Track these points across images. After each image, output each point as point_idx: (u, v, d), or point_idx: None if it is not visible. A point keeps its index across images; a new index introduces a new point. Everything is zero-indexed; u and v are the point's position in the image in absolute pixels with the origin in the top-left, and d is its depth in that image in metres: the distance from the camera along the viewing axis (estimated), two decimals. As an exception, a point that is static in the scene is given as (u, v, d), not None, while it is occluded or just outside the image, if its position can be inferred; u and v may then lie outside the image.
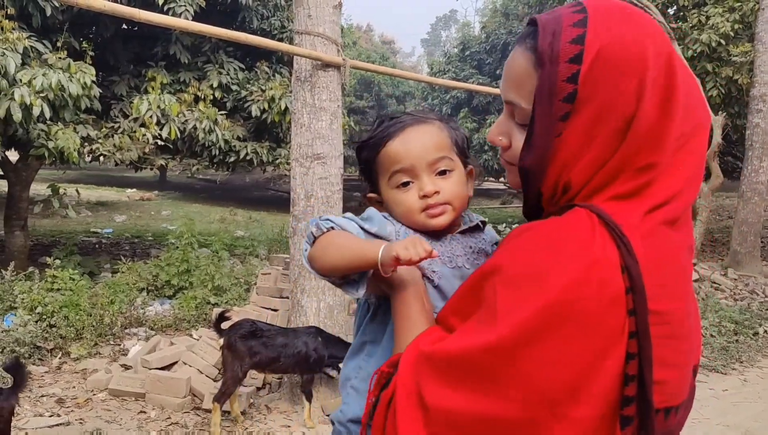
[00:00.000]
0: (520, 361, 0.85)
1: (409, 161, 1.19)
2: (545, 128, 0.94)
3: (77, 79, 7.02)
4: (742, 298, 9.64)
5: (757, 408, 5.29)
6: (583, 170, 0.94)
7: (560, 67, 0.91)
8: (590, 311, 0.84)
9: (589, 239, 0.88)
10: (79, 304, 6.18)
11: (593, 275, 0.84)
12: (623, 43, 0.90)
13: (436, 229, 1.21)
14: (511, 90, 1.00)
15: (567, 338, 0.84)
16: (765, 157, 11.88)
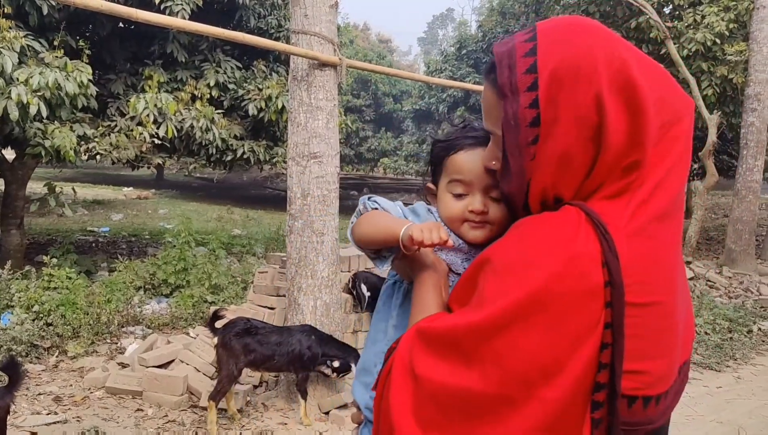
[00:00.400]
0: (499, 342, 0.92)
1: (470, 176, 1.25)
2: (517, 154, 1.00)
3: (74, 78, 7.02)
4: (737, 296, 9.70)
5: (750, 405, 5.33)
6: (569, 183, 1.00)
7: (521, 97, 0.98)
8: (568, 302, 0.90)
9: (573, 234, 0.93)
10: (75, 302, 6.18)
11: (574, 268, 0.91)
12: (571, 59, 0.96)
13: (471, 241, 1.27)
14: (487, 120, 1.10)
15: (545, 325, 0.90)
16: (759, 155, 11.94)
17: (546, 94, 0.96)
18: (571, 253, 0.92)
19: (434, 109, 26.67)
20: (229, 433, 4.38)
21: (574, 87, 0.95)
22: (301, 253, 4.92)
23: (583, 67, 0.95)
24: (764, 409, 5.22)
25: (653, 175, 0.98)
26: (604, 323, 0.91)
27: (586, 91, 0.95)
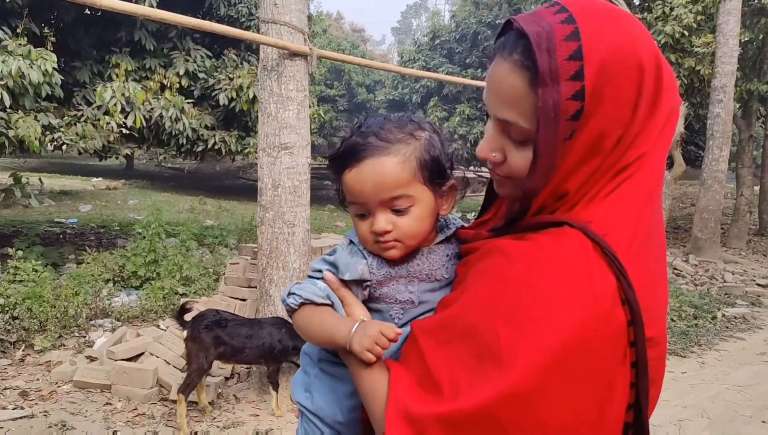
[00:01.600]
0: (540, 407, 0.82)
1: (362, 198, 1.14)
2: (551, 150, 0.90)
3: (38, 66, 6.86)
4: (702, 284, 9.92)
5: (713, 389, 5.47)
6: (579, 179, 0.93)
7: (562, 86, 0.87)
8: (600, 348, 0.83)
9: (589, 270, 0.85)
10: (42, 295, 6.07)
11: (600, 311, 0.83)
12: (621, 52, 0.88)
13: (389, 260, 1.17)
14: (507, 109, 0.94)
15: (581, 377, 0.83)
16: (725, 146, 12.20)
17: (593, 86, 0.87)
18: (595, 294, 0.84)
19: (408, 100, 26.69)
20: (200, 425, 4.36)
21: (621, 82, 0.88)
22: (272, 245, 4.90)
23: (631, 62, 0.88)
24: (726, 394, 5.36)
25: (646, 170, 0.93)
26: (629, 363, 0.86)
27: (629, 88, 0.88)
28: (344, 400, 1.20)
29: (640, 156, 0.92)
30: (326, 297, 1.16)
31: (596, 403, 0.84)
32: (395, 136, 1.14)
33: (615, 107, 0.88)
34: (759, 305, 8.87)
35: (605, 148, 0.91)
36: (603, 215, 0.90)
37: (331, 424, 1.22)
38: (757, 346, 6.90)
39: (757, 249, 14.31)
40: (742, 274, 11.05)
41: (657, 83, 0.91)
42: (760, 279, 10.62)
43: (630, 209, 0.91)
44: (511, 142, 0.98)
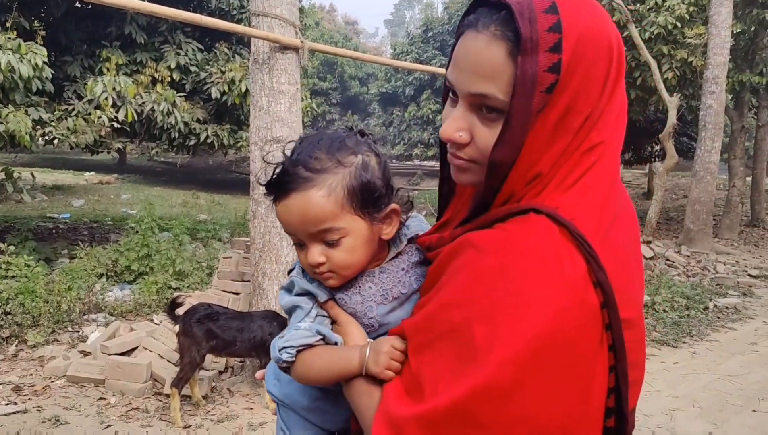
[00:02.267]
0: (520, 401, 0.80)
1: (292, 230, 1.12)
2: (523, 121, 0.88)
3: (28, 60, 6.82)
4: (694, 275, 9.98)
5: (705, 379, 5.51)
6: (549, 159, 0.91)
7: (540, 57, 0.86)
8: (576, 335, 0.82)
9: (558, 256, 0.84)
10: (35, 290, 6.06)
11: (572, 296, 0.82)
12: (595, 30, 0.89)
13: (330, 287, 1.16)
14: (484, 81, 0.91)
15: (560, 367, 0.81)
16: (717, 137, 12.24)
17: (569, 60, 0.86)
18: (566, 280, 0.82)
19: (400, 92, 26.66)
20: (194, 419, 4.36)
21: (596, 59, 0.88)
22: (264, 238, 4.90)
23: (604, 41, 0.89)
24: (717, 383, 5.41)
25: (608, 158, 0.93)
26: (606, 346, 0.85)
27: (600, 67, 0.89)
28: (308, 388, 1.21)
29: (601, 142, 0.92)
30: (317, 333, 1.13)
31: (578, 391, 0.82)
32: (322, 166, 1.09)
33: (586, 84, 0.88)
34: (750, 296, 8.94)
35: (573, 127, 0.90)
36: (569, 202, 0.89)
37: (297, 410, 1.24)
38: (748, 336, 6.95)
39: (748, 240, 14.41)
40: (733, 264, 11.13)
41: (619, 68, 0.92)
42: (752, 269, 10.70)
43: (595, 196, 0.91)
44: (480, 120, 0.94)
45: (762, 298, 8.85)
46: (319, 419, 1.25)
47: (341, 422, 1.24)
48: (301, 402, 1.24)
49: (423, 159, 26.38)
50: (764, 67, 14.11)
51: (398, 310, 1.15)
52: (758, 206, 16.51)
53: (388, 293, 1.15)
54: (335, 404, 1.19)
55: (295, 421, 1.28)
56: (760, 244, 14.05)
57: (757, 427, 4.54)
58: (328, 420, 1.24)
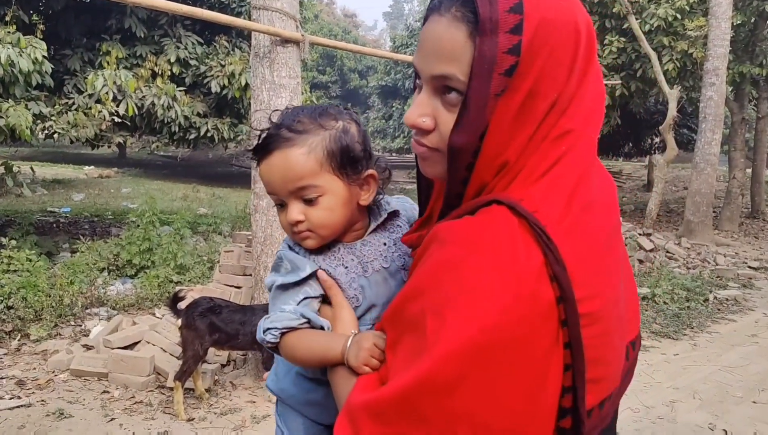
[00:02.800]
0: (461, 396, 0.78)
1: (273, 188, 1.17)
2: (481, 104, 0.86)
3: (28, 54, 6.81)
4: (694, 267, 9.99)
5: (705, 371, 5.54)
6: (517, 146, 0.88)
7: (500, 38, 0.84)
8: (526, 331, 0.78)
9: (511, 248, 0.81)
10: (37, 285, 6.07)
11: (523, 291, 0.79)
12: (560, 11, 0.86)
13: (308, 248, 1.19)
14: (444, 62, 0.89)
15: (506, 363, 0.78)
16: (717, 129, 12.23)
17: (531, 42, 0.84)
18: (517, 273, 0.79)
19: (400, 85, 26.61)
20: (197, 412, 4.39)
21: (560, 42, 0.86)
22: (266, 232, 4.90)
23: (570, 24, 0.87)
24: (717, 375, 5.43)
25: (580, 148, 0.90)
26: (562, 344, 0.81)
27: (566, 51, 0.87)
28: (300, 380, 1.25)
29: (572, 130, 0.89)
30: (301, 316, 1.14)
31: (526, 389, 0.79)
32: (305, 127, 1.15)
33: (551, 68, 0.86)
34: (750, 287, 8.96)
35: (538, 111, 0.87)
36: (535, 193, 0.86)
37: (293, 405, 1.27)
38: (748, 327, 6.97)
39: (749, 231, 14.42)
40: (734, 256, 11.14)
41: (589, 52, 0.90)
42: (752, 261, 10.71)
43: (564, 186, 0.87)
44: (443, 105, 0.92)
45: (762, 290, 8.87)
46: (313, 413, 1.27)
47: (335, 416, 1.25)
48: (296, 396, 1.27)
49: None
50: (764, 59, 14.08)
51: (382, 285, 1.18)
52: (758, 198, 16.52)
53: (368, 266, 1.19)
54: (329, 398, 1.19)
55: (292, 416, 1.30)
56: (761, 235, 14.06)
57: (757, 418, 4.56)
58: (322, 414, 1.26)
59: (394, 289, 1.17)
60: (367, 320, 1.18)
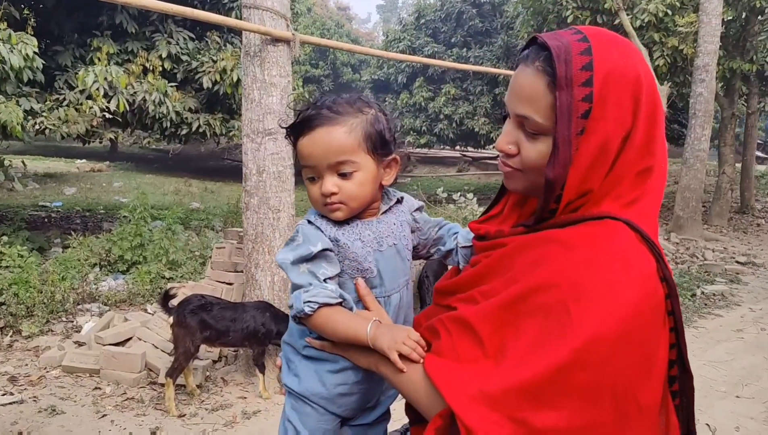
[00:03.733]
0: (609, 367, 0.98)
1: (312, 161, 1.29)
2: (567, 142, 1.09)
3: (18, 51, 6.80)
4: (683, 262, 10.09)
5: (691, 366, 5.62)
6: (598, 176, 1.11)
7: (575, 91, 1.07)
8: (651, 318, 1.01)
9: (637, 255, 1.05)
10: (28, 281, 6.09)
11: (650, 288, 1.02)
12: (623, 67, 1.08)
13: (335, 220, 1.33)
14: (525, 105, 1.13)
15: (640, 342, 0.99)
16: (707, 124, 12.30)
17: (599, 91, 1.06)
18: (645, 273, 1.03)
19: (393, 80, 26.57)
20: (188, 408, 4.43)
21: (623, 90, 1.08)
22: (257, 230, 4.94)
23: (631, 76, 1.08)
24: (702, 370, 5.52)
25: (659, 182, 1.13)
26: (669, 328, 1.05)
27: (630, 97, 1.08)
28: (328, 377, 1.36)
29: (653, 165, 1.12)
30: (340, 296, 1.28)
31: (648, 364, 1.00)
32: (345, 110, 1.31)
33: (617, 111, 1.08)
34: (737, 282, 9.06)
35: (612, 147, 1.09)
36: (633, 215, 1.09)
37: (316, 401, 1.38)
38: (734, 322, 7.07)
39: (738, 226, 14.54)
40: (722, 251, 11.25)
41: (652, 98, 1.11)
42: (740, 256, 10.82)
43: (652, 213, 1.13)
44: (524, 136, 1.15)
45: (749, 285, 8.98)
46: (339, 406, 1.38)
47: (357, 408, 1.41)
48: (319, 392, 1.37)
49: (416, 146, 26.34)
50: (755, 54, 14.16)
51: (393, 259, 1.36)
52: (748, 193, 16.64)
53: (383, 241, 1.36)
54: (356, 387, 1.37)
55: (311, 415, 1.39)
56: (749, 230, 14.19)
57: (740, 413, 4.65)
58: (348, 405, 1.39)
59: (400, 263, 1.39)
60: (378, 293, 1.34)
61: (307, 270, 1.29)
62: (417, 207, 1.49)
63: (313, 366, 1.38)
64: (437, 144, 27.33)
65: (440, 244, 1.51)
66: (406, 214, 1.45)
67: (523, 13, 17.12)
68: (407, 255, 1.42)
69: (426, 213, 1.54)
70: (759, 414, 4.64)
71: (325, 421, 1.39)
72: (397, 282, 1.39)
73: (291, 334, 1.44)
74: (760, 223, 15.04)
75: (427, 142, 25.24)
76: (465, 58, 23.50)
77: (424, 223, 1.50)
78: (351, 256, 1.32)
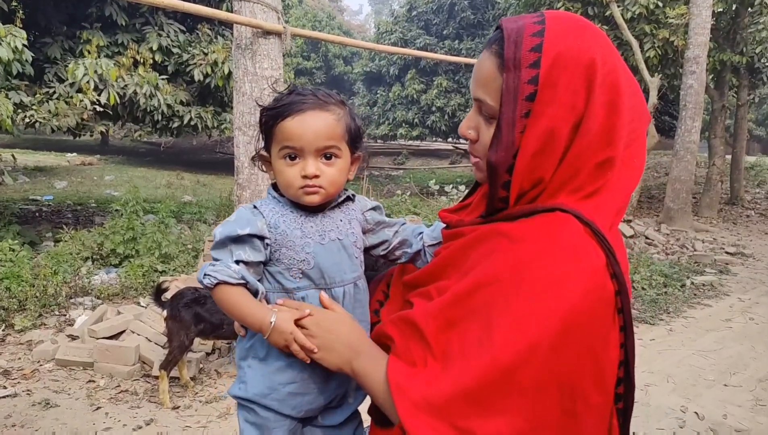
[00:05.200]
0: (554, 365, 0.94)
1: (300, 143, 1.30)
2: (510, 124, 1.06)
3: (7, 44, 6.75)
4: (673, 253, 10.18)
5: (679, 355, 5.69)
6: (549, 164, 1.07)
7: (522, 72, 1.04)
8: (599, 313, 0.98)
9: (586, 249, 1.01)
10: (20, 275, 6.08)
11: (596, 282, 0.98)
12: (576, 50, 1.05)
13: (307, 204, 1.34)
14: (480, 88, 1.12)
15: (588, 336, 0.97)
16: (697, 116, 12.37)
17: (546, 74, 1.03)
18: (593, 267, 0.99)
19: (385, 72, 26.53)
20: (182, 400, 4.46)
21: (574, 74, 1.04)
22: (249, 222, 4.95)
23: (583, 60, 1.04)
24: (691, 359, 5.58)
25: (622, 177, 1.08)
26: (618, 326, 1.01)
27: (582, 81, 1.04)
28: (275, 377, 1.35)
29: (613, 157, 1.06)
30: (242, 278, 1.28)
31: (594, 359, 0.97)
32: (330, 100, 1.35)
33: (566, 95, 1.04)
34: (727, 273, 9.15)
35: (561, 134, 1.05)
36: (587, 208, 1.05)
37: (266, 404, 1.36)
38: (723, 312, 7.15)
39: (727, 217, 14.66)
40: (712, 242, 11.35)
41: (614, 88, 1.06)
42: (729, 247, 10.92)
43: (612, 206, 1.08)
44: (483, 120, 1.13)
45: (738, 276, 9.07)
46: (292, 406, 1.36)
47: (315, 408, 1.39)
48: (268, 394, 1.35)
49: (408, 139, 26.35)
50: (745, 46, 14.24)
51: (336, 253, 1.36)
52: (738, 184, 16.77)
53: (325, 235, 1.36)
54: (306, 383, 1.35)
55: (264, 420, 1.36)
56: (739, 221, 14.31)
57: (728, 400, 4.72)
58: (302, 403, 1.36)
59: (347, 260, 1.38)
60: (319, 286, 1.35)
61: (228, 249, 1.30)
62: (371, 207, 1.48)
63: (260, 369, 1.36)
64: (429, 136, 27.33)
65: (406, 246, 1.48)
66: (357, 213, 1.44)
67: (515, 4, 17.12)
68: (355, 252, 1.41)
69: (384, 213, 1.52)
70: (746, 402, 4.71)
71: (282, 425, 1.36)
72: (342, 277, 1.37)
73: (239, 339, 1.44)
74: (749, 214, 15.17)
75: (420, 134, 25.26)
76: (457, 50, 23.51)
77: (376, 224, 1.48)
78: (288, 244, 1.32)
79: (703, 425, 4.31)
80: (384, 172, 24.95)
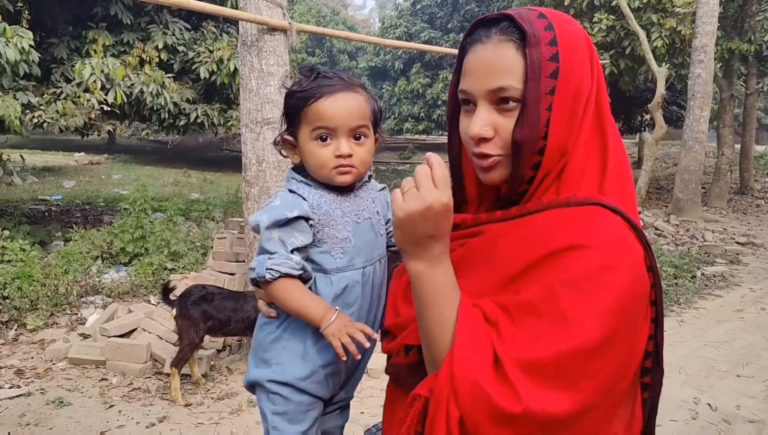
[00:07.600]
0: (604, 357, 0.95)
1: (334, 122, 1.32)
2: (537, 102, 1.05)
3: (14, 44, 6.77)
4: (683, 244, 10.12)
5: (690, 346, 5.66)
6: (573, 141, 1.09)
7: (542, 49, 1.05)
8: (639, 305, 1.00)
9: (627, 240, 1.02)
10: (31, 274, 6.11)
11: (637, 274, 1.00)
12: (576, 32, 1.10)
13: (340, 184, 1.37)
14: (501, 76, 1.07)
15: (629, 328, 0.98)
16: (706, 106, 12.27)
17: (565, 52, 1.06)
18: (635, 259, 1.00)
19: (390, 66, 26.48)
20: (194, 397, 4.47)
21: (583, 51, 1.09)
22: (258, 219, 4.95)
23: (584, 38, 1.11)
24: (703, 350, 5.56)
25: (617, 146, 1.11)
26: (651, 318, 1.04)
27: (587, 58, 1.10)
28: (317, 358, 1.36)
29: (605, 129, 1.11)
30: (302, 268, 1.31)
31: (631, 349, 1.00)
32: (355, 82, 1.39)
33: (581, 74, 1.08)
34: (737, 263, 9.10)
35: (580, 107, 1.08)
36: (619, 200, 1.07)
37: (303, 388, 1.36)
38: (734, 303, 7.11)
39: (737, 207, 14.56)
40: (722, 232, 11.28)
41: (598, 61, 1.15)
42: (740, 237, 10.85)
43: (634, 201, 1.12)
44: (499, 114, 1.09)
45: (749, 266, 9.01)
46: (325, 389, 1.38)
47: (336, 386, 1.42)
48: (311, 377, 1.36)
49: (414, 133, 26.32)
50: (753, 35, 14.11)
51: (368, 232, 1.40)
52: (747, 174, 16.65)
53: (360, 214, 1.40)
54: (339, 368, 1.39)
55: (284, 401, 1.37)
56: (749, 211, 14.22)
57: (740, 392, 4.69)
58: (333, 386, 1.40)
59: (374, 237, 1.42)
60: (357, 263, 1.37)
61: (277, 237, 1.29)
62: (380, 188, 1.53)
63: (298, 350, 1.36)
64: (435, 130, 27.27)
65: None
66: (375, 192, 1.49)
67: (520, -4, 17.02)
68: (381, 230, 1.45)
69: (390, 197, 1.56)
70: (759, 392, 4.68)
71: (316, 408, 1.38)
72: (373, 255, 1.41)
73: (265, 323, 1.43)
74: (759, 204, 15.06)
75: (426, 128, 25.22)
76: (462, 44, 23.40)
77: (386, 203, 1.51)
78: (331, 223, 1.35)
79: (716, 417, 4.28)
80: (390, 166, 24.91)
